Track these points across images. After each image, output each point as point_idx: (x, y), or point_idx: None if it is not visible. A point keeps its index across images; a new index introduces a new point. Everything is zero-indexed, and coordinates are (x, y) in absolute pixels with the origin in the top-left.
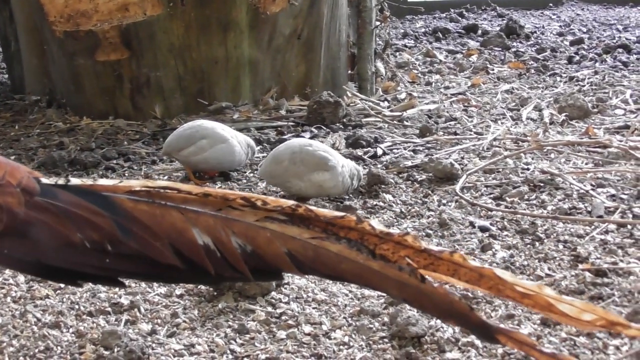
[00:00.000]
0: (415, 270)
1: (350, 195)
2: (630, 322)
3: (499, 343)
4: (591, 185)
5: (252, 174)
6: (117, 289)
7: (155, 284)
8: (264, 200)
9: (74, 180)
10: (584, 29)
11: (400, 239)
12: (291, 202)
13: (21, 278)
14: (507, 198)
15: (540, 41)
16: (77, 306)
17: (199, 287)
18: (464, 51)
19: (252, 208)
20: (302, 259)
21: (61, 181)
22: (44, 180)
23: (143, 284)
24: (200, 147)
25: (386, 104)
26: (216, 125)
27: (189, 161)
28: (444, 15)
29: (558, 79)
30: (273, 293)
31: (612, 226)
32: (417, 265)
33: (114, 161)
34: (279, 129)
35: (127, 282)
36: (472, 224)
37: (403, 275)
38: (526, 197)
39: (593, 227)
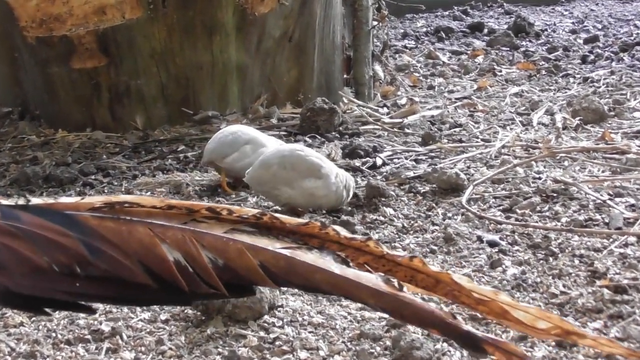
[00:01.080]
0: (390, 278)
1: (349, 208)
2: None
3: (485, 354)
4: (608, 194)
5: (242, 189)
6: (97, 315)
7: (138, 309)
8: (230, 210)
9: (34, 200)
10: (599, 26)
11: (361, 244)
12: (256, 211)
13: None
14: (517, 210)
15: (551, 40)
16: (53, 334)
17: (185, 311)
18: (468, 52)
19: (218, 219)
20: (275, 270)
21: (21, 201)
22: (3, 201)
23: (125, 309)
24: (244, 152)
25: (385, 110)
26: (251, 130)
27: (232, 168)
28: (447, 13)
29: (571, 80)
30: (265, 317)
31: (632, 239)
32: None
33: (92, 176)
34: None
35: (104, 307)
36: (480, 239)
37: (379, 283)
38: (538, 208)
39: (611, 240)
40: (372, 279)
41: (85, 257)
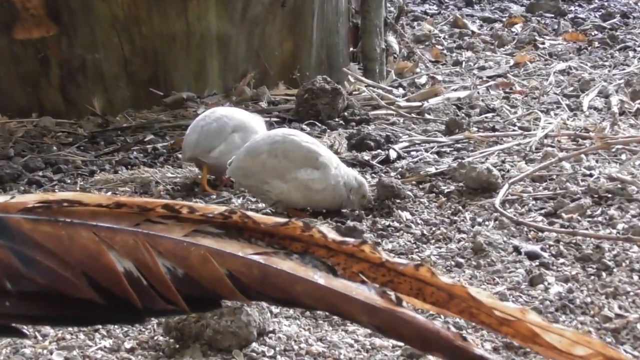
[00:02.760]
0: (387, 290)
1: (356, 212)
2: None
3: None
4: None
5: (224, 189)
6: (47, 343)
7: (97, 335)
8: (191, 207)
9: None
10: None
11: (354, 249)
12: (223, 208)
13: None
14: (563, 214)
15: (606, 4)
16: None
17: (155, 338)
18: (504, 19)
19: (177, 219)
20: (246, 281)
21: None
22: None
23: (81, 335)
24: (232, 143)
25: (401, 91)
26: (237, 112)
27: (219, 163)
28: None
29: (631, 54)
30: (254, 344)
31: None
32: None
33: (40, 173)
34: None
35: (55, 333)
36: (516, 250)
37: (373, 296)
38: (589, 212)
39: None
40: (364, 291)
41: (17, 270)
